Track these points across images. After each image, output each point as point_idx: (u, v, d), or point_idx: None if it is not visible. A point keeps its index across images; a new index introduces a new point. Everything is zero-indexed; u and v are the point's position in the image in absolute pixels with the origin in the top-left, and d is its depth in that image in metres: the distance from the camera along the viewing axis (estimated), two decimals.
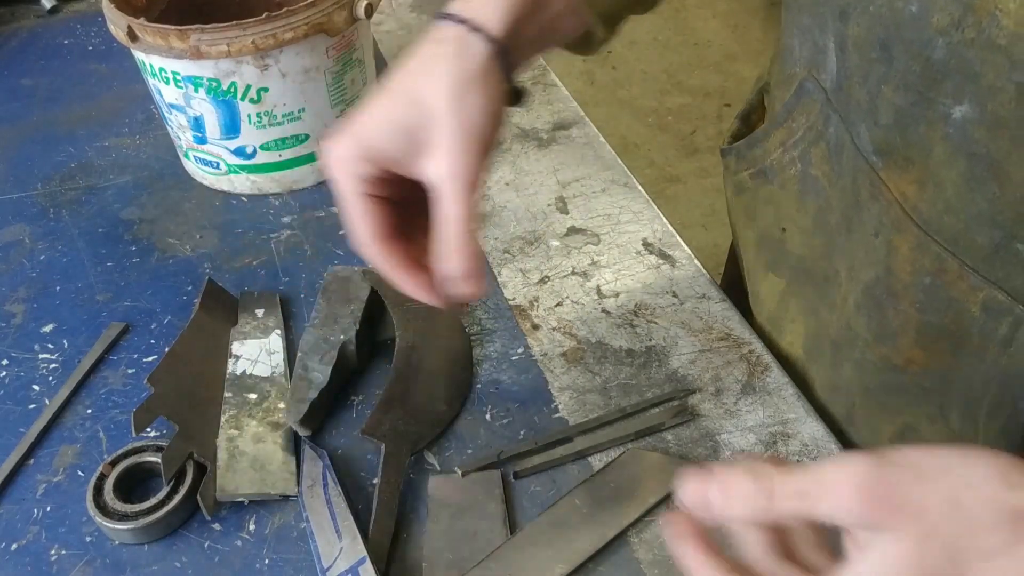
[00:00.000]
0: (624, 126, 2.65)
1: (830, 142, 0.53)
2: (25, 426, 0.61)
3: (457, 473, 0.56)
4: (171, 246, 0.76)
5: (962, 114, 0.41)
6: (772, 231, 0.62)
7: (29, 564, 0.53)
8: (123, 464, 0.56)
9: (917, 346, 0.50)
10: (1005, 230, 0.42)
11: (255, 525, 0.55)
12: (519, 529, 0.53)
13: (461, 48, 0.45)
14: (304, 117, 0.77)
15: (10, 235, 0.78)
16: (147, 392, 0.59)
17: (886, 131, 0.46)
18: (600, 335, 0.65)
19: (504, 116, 0.47)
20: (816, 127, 0.53)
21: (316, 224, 0.77)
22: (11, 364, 0.66)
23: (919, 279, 0.48)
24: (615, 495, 0.54)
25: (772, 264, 0.63)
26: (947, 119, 0.42)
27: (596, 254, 0.72)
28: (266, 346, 0.64)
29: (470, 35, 0.46)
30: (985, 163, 0.41)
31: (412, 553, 0.53)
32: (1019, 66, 0.37)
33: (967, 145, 0.41)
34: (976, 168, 0.42)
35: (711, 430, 0.58)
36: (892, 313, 0.51)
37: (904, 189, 0.46)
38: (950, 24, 0.40)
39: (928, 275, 0.47)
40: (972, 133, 0.41)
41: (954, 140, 0.42)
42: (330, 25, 0.72)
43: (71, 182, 0.83)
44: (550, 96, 0.91)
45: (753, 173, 0.62)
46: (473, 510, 0.54)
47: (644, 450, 0.56)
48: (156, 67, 0.73)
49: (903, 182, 0.46)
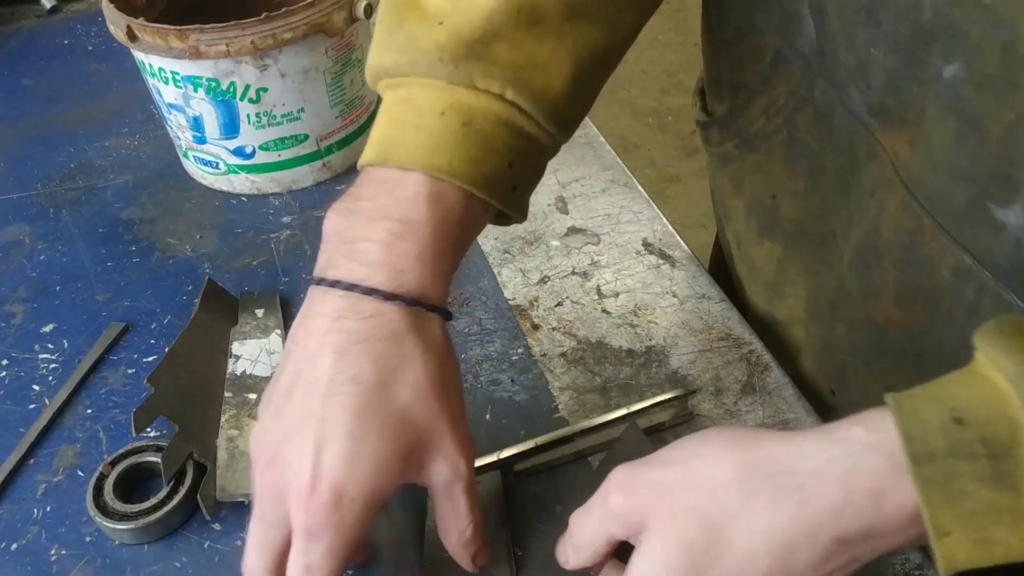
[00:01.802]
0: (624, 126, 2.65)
1: (817, 106, 0.53)
2: (25, 426, 0.61)
3: None
4: (171, 246, 0.76)
5: (952, 73, 0.41)
6: (762, 198, 0.62)
7: (29, 564, 0.53)
8: (123, 464, 0.56)
9: (896, 305, 0.51)
10: (980, 187, 0.42)
11: None
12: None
13: (425, 337, 0.42)
14: (303, 117, 0.77)
15: (10, 235, 0.78)
16: (147, 392, 0.59)
17: (879, 93, 0.46)
18: (600, 335, 0.65)
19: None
20: (799, 93, 0.53)
21: (316, 224, 0.77)
22: (11, 364, 0.66)
23: (900, 237, 0.48)
24: None
25: (765, 230, 0.63)
26: (939, 79, 0.42)
27: (596, 254, 0.72)
28: (266, 346, 0.64)
29: (426, 316, 0.42)
30: (972, 121, 0.41)
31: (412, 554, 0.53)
32: (1004, 24, 0.38)
33: (958, 104, 0.42)
34: (963, 126, 0.42)
35: None
36: (877, 271, 0.51)
37: (898, 149, 0.47)
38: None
39: (907, 234, 0.47)
40: (961, 92, 0.41)
41: (945, 99, 0.42)
42: (329, 25, 0.72)
43: (71, 182, 0.83)
44: None
45: (738, 143, 0.62)
46: None
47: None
48: (155, 67, 0.73)
49: (899, 142, 0.46)
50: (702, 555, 0.37)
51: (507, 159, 0.45)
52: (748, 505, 0.37)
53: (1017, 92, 0.39)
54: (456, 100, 0.43)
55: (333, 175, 0.82)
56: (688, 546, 0.37)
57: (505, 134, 0.45)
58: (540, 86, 0.45)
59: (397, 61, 0.45)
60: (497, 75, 0.43)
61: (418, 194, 0.43)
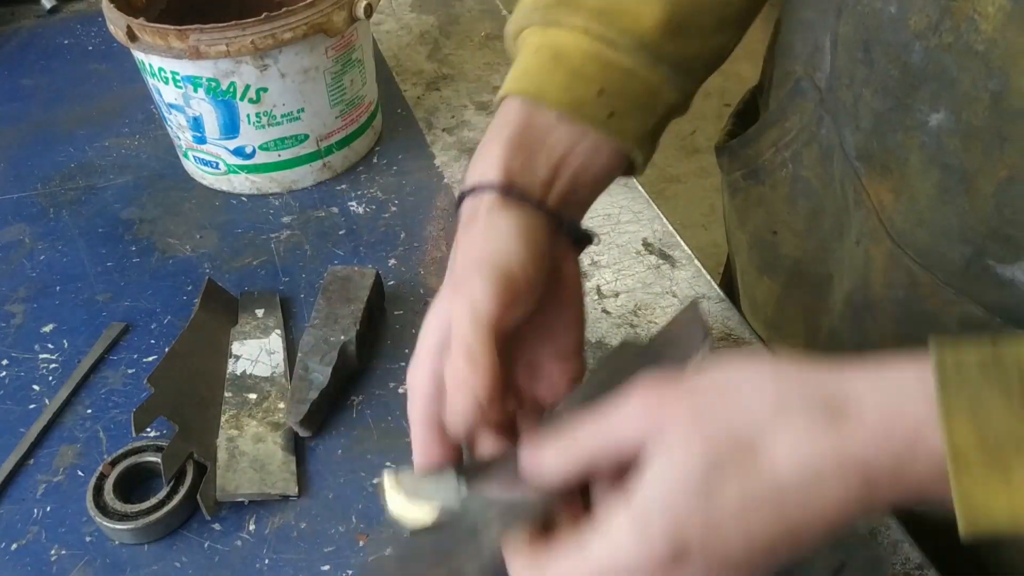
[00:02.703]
0: None
1: (822, 144, 0.52)
2: (25, 426, 0.61)
3: None
4: (171, 246, 0.76)
5: (938, 122, 0.40)
6: (764, 233, 0.61)
7: (29, 564, 0.53)
8: (123, 464, 0.56)
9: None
10: (976, 246, 0.41)
11: (255, 525, 0.55)
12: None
13: (490, 217, 0.44)
14: (303, 117, 0.77)
15: (10, 235, 0.78)
16: (147, 392, 0.59)
17: (866, 136, 0.45)
18: (600, 335, 0.65)
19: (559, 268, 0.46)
20: (809, 128, 0.53)
21: (316, 224, 0.77)
22: (11, 364, 0.66)
23: (893, 292, 0.47)
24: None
25: (765, 267, 0.62)
26: (923, 127, 0.41)
27: (596, 254, 0.72)
28: (266, 346, 0.64)
29: (507, 202, 0.44)
30: (958, 175, 0.40)
31: None
32: (995, 73, 0.36)
33: (941, 155, 0.40)
34: (949, 180, 0.41)
35: None
36: (871, 325, 0.50)
37: (882, 198, 0.46)
38: (927, 27, 0.39)
39: (902, 289, 0.46)
40: (946, 143, 0.40)
41: (929, 149, 0.41)
42: (329, 25, 0.72)
43: (71, 182, 0.83)
44: None
45: (745, 173, 0.61)
46: None
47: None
48: (155, 67, 0.73)
49: (882, 190, 0.46)
50: (722, 469, 0.34)
51: (597, 86, 0.47)
52: (782, 422, 0.34)
53: (1006, 147, 0.37)
54: (547, 38, 0.48)
55: (333, 175, 0.82)
56: (708, 456, 0.34)
57: (594, 65, 0.47)
58: (627, 23, 0.47)
59: (517, 18, 0.51)
60: (583, 14, 0.47)
61: (511, 112, 0.47)
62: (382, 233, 0.75)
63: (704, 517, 0.34)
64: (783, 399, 0.34)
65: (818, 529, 0.34)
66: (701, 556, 0.34)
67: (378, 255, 0.73)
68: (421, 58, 0.99)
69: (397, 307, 0.68)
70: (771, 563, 0.35)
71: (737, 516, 0.34)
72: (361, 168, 0.83)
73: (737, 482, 0.34)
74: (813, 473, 0.33)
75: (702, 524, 0.34)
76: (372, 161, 0.84)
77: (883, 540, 0.52)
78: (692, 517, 0.34)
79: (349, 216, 0.77)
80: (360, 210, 0.78)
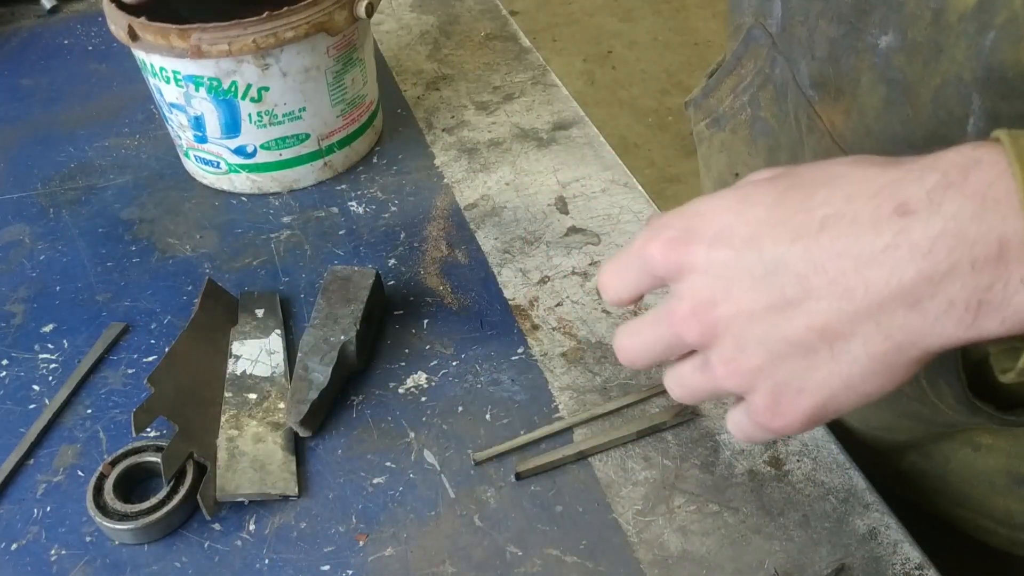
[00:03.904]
0: (624, 126, 2.65)
1: (776, 83, 0.55)
2: (25, 426, 0.61)
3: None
4: (171, 246, 0.76)
5: (886, 43, 0.43)
6: (726, 176, 0.63)
7: (29, 564, 0.53)
8: (123, 464, 0.56)
9: None
10: (918, 149, 0.42)
11: (255, 525, 0.55)
12: None
13: None
14: (305, 116, 0.77)
15: (10, 235, 0.78)
16: (147, 392, 0.59)
17: (821, 64, 0.48)
18: (600, 335, 0.65)
19: None
20: (763, 71, 0.56)
21: (316, 224, 0.77)
22: (11, 364, 0.66)
23: None
24: None
25: None
26: (874, 49, 0.44)
27: (596, 254, 0.72)
28: (266, 346, 0.64)
29: None
30: (901, 87, 0.43)
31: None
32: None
33: (888, 72, 0.44)
34: (893, 93, 0.44)
35: (711, 430, 0.58)
36: None
37: (834, 119, 0.48)
38: None
39: None
40: (893, 60, 0.43)
41: (878, 68, 0.44)
42: (331, 24, 0.72)
43: (71, 182, 0.83)
44: (550, 96, 0.91)
45: (709, 122, 0.64)
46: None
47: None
48: (156, 66, 0.73)
49: (834, 112, 0.48)
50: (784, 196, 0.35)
51: None
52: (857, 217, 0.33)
53: (941, 56, 0.40)
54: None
55: (334, 174, 0.82)
56: (780, 187, 0.35)
57: None
58: None
59: None
60: None
61: None
62: (382, 233, 0.75)
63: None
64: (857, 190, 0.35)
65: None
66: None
67: (378, 255, 0.73)
68: (421, 58, 0.99)
69: (397, 307, 0.68)
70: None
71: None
72: (361, 168, 0.83)
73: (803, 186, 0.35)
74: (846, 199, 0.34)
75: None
76: (372, 161, 0.84)
77: (883, 540, 0.52)
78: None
79: (349, 216, 0.77)
80: (360, 210, 0.78)
